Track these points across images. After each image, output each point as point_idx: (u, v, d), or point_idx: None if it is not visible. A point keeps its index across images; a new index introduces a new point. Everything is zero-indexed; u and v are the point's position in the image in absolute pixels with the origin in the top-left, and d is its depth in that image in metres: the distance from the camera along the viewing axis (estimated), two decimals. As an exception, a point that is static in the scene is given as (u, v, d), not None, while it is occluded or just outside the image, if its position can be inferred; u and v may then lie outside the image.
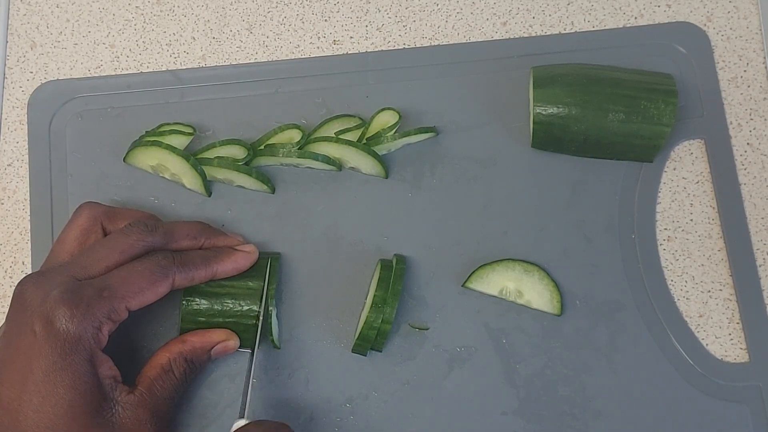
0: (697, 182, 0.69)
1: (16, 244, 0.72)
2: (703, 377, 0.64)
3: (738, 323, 0.66)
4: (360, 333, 0.63)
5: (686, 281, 0.67)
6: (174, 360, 0.60)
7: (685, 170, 0.69)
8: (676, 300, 0.66)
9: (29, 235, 0.71)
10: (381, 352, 0.65)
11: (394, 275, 0.64)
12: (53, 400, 0.52)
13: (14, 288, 0.56)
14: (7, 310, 0.70)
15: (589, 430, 0.64)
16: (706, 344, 0.66)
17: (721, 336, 0.66)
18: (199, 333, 0.62)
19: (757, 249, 0.67)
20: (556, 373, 0.65)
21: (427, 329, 0.66)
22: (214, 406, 0.66)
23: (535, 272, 0.66)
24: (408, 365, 0.66)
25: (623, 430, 0.64)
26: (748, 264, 0.67)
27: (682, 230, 0.68)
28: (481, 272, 0.66)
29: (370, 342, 0.63)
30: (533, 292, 0.65)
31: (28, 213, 0.72)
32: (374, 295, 0.63)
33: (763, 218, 0.68)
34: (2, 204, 0.72)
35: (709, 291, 0.67)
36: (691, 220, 0.68)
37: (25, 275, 0.58)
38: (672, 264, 0.67)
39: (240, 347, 0.64)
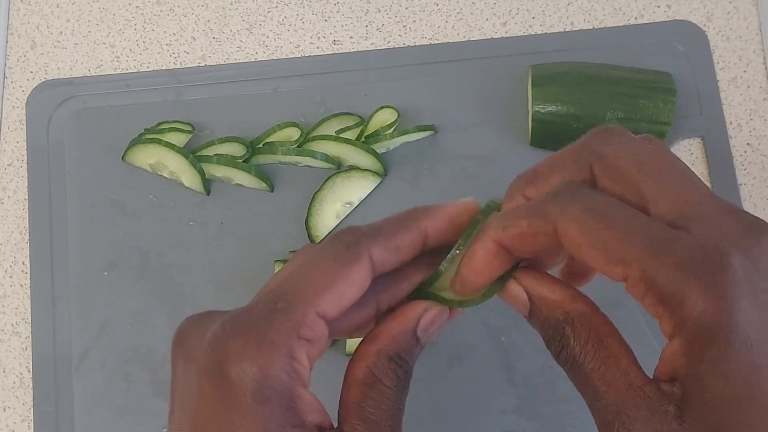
0: (697, 182, 0.69)
1: (15, 244, 0.72)
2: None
3: (738, 323, 0.66)
4: None
5: (686, 281, 0.67)
6: (374, 366, 0.37)
7: (684, 170, 0.69)
8: (676, 300, 0.66)
9: (29, 235, 0.71)
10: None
11: None
12: None
13: (174, 337, 0.38)
14: (6, 310, 0.70)
15: (588, 429, 0.63)
16: (706, 344, 0.65)
17: (721, 336, 0.65)
18: (389, 318, 0.39)
19: (757, 249, 0.67)
20: (555, 371, 0.64)
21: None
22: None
23: None
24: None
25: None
26: (748, 264, 0.67)
27: (682, 230, 0.68)
28: None
29: None
30: None
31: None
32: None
33: (762, 218, 0.68)
34: (2, 204, 0.73)
35: (709, 291, 0.66)
36: (691, 220, 0.68)
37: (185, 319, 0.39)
38: (672, 264, 0.67)
39: None
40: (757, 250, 0.31)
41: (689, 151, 0.69)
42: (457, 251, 0.39)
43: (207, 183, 0.69)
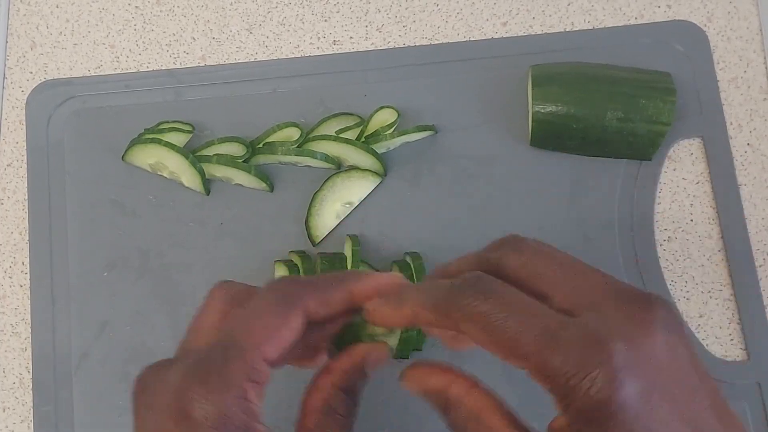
0: (697, 182, 0.69)
1: (15, 245, 0.72)
2: (703, 376, 0.64)
3: (738, 324, 0.66)
4: (400, 337, 0.62)
5: (686, 281, 0.67)
6: (330, 398, 0.45)
7: (684, 171, 0.69)
8: (676, 300, 0.66)
9: (29, 235, 0.71)
10: (422, 350, 0.65)
11: (416, 272, 0.64)
12: None
13: (133, 387, 0.43)
14: (6, 311, 0.70)
15: (588, 429, 0.63)
16: (707, 344, 0.65)
17: (721, 336, 0.66)
18: (342, 355, 0.46)
19: (757, 249, 0.67)
20: (555, 371, 0.64)
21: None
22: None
23: None
24: (407, 364, 0.65)
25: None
26: (747, 264, 0.67)
27: (682, 230, 0.68)
28: None
29: (412, 344, 0.63)
30: None
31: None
32: None
33: (762, 219, 0.68)
34: (2, 204, 0.73)
35: (709, 291, 0.67)
36: (691, 220, 0.68)
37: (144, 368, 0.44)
38: (672, 264, 0.67)
39: None
40: (639, 334, 0.35)
41: (689, 152, 0.69)
42: None
43: (207, 183, 0.69)
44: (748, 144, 0.69)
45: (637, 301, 0.37)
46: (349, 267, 0.64)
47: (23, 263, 0.71)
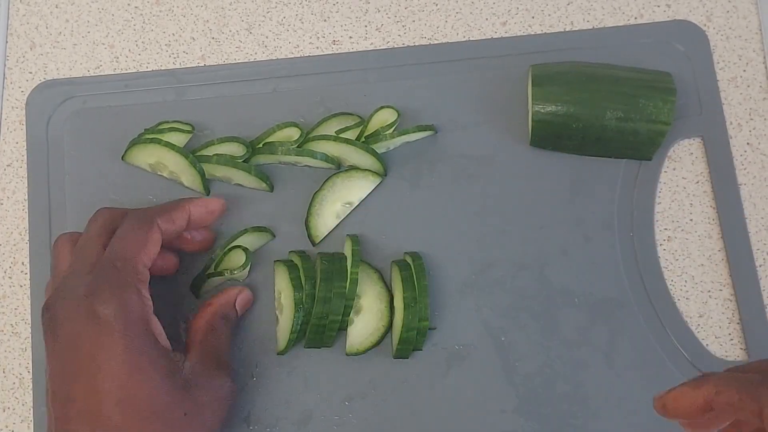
0: (697, 182, 0.69)
1: (15, 245, 0.72)
2: (703, 376, 0.64)
3: (738, 323, 0.66)
4: (400, 337, 0.63)
5: (686, 281, 0.67)
6: (212, 320, 0.62)
7: (684, 170, 0.69)
8: (676, 300, 0.66)
9: (28, 235, 0.71)
10: (422, 350, 0.65)
11: (416, 272, 0.64)
12: (137, 381, 0.52)
13: (41, 317, 0.56)
14: (5, 311, 0.70)
15: (588, 428, 0.63)
16: (706, 344, 0.65)
17: (721, 336, 0.66)
18: (217, 295, 0.65)
19: (757, 249, 0.67)
20: (555, 371, 0.64)
21: (433, 329, 0.66)
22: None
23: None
24: (407, 363, 0.65)
25: (622, 429, 0.63)
26: (747, 264, 0.67)
27: (682, 230, 0.68)
28: None
29: (411, 343, 0.63)
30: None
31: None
32: (404, 297, 0.63)
33: (762, 218, 0.68)
34: (2, 204, 0.72)
35: (709, 291, 0.67)
36: (691, 220, 0.68)
37: (41, 296, 0.60)
38: (672, 264, 0.67)
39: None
40: None
41: (689, 151, 0.69)
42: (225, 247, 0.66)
43: (207, 183, 0.69)
44: (748, 144, 0.69)
45: None
46: (349, 267, 0.64)
47: (23, 263, 0.71)
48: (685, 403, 0.45)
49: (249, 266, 0.66)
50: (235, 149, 0.69)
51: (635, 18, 0.73)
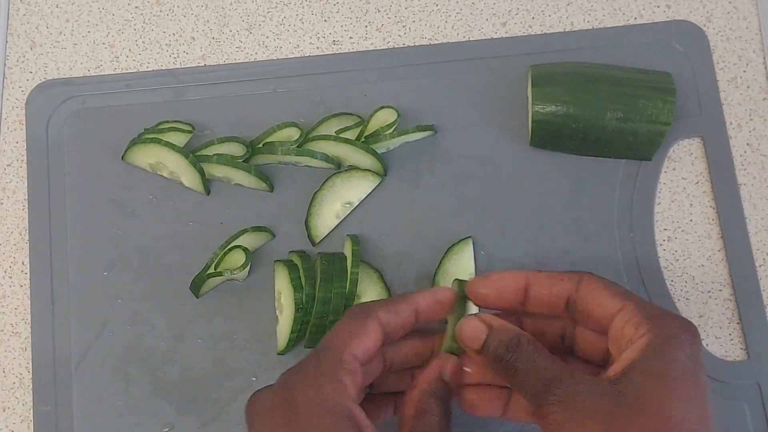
0: (697, 182, 0.69)
1: (15, 244, 0.72)
2: (703, 376, 0.64)
3: (738, 323, 0.66)
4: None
5: (686, 281, 0.67)
6: (420, 402, 0.53)
7: (684, 170, 0.69)
8: (675, 300, 0.66)
9: (28, 235, 0.71)
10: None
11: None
12: None
13: (246, 408, 0.52)
14: (5, 311, 0.70)
15: (588, 429, 0.63)
16: (707, 344, 0.65)
17: (721, 336, 0.66)
18: (424, 370, 0.54)
19: (757, 249, 0.67)
20: (555, 371, 0.64)
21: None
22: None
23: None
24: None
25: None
26: (747, 264, 0.67)
27: (682, 230, 0.68)
28: None
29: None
30: None
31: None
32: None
33: (762, 219, 0.68)
34: (2, 204, 0.72)
35: (709, 291, 0.67)
36: (691, 220, 0.68)
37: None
38: (672, 264, 0.67)
39: None
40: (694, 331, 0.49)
41: (689, 151, 0.69)
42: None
43: (207, 183, 0.69)
44: (748, 144, 0.69)
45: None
46: (349, 267, 0.64)
47: (23, 263, 0.71)
48: (506, 276, 0.54)
49: (249, 266, 0.66)
50: (235, 149, 0.69)
51: (635, 18, 0.73)
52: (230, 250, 0.66)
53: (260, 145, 0.69)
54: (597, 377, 0.47)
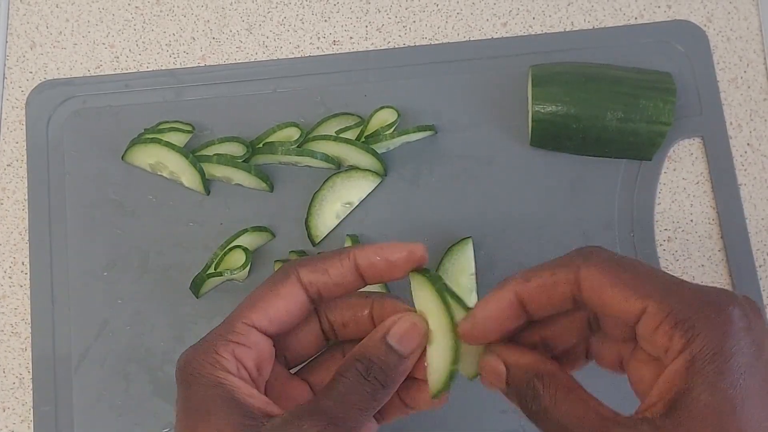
0: (697, 183, 0.69)
1: (15, 244, 0.72)
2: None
3: (738, 324, 0.66)
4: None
5: (686, 281, 0.67)
6: (343, 364, 0.44)
7: (684, 171, 0.69)
8: (676, 300, 0.66)
9: (28, 235, 0.71)
10: None
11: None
12: None
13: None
14: (5, 311, 0.70)
15: (588, 429, 0.63)
16: (707, 344, 0.65)
17: (722, 336, 0.66)
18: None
19: (757, 250, 0.67)
20: (555, 371, 0.64)
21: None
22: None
23: None
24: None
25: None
26: (747, 264, 0.67)
27: (682, 230, 0.68)
28: None
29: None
30: None
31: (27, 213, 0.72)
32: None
33: (762, 219, 0.68)
34: (2, 204, 0.72)
35: (709, 291, 0.67)
36: (691, 220, 0.68)
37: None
38: (672, 264, 0.67)
39: None
40: (749, 307, 0.37)
41: (689, 151, 0.69)
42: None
43: (207, 183, 0.69)
44: (748, 144, 0.69)
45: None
46: None
47: (23, 263, 0.71)
48: (492, 307, 0.43)
49: (249, 266, 0.66)
50: (235, 149, 0.69)
51: (635, 18, 0.73)
52: (230, 250, 0.66)
53: (260, 145, 0.69)
54: (634, 422, 0.37)
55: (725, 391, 0.35)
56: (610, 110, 0.64)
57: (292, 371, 0.50)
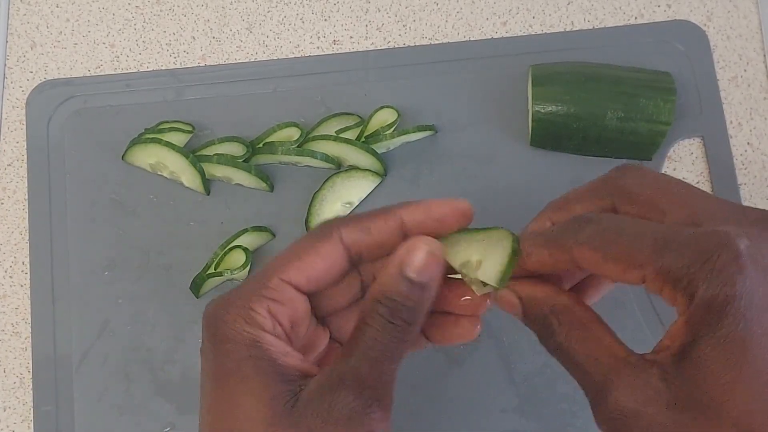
0: (697, 182, 0.69)
1: (15, 244, 0.72)
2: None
3: (738, 323, 0.66)
4: None
5: (686, 281, 0.67)
6: (364, 309, 0.41)
7: (684, 170, 0.69)
8: (676, 300, 0.66)
9: (29, 235, 0.71)
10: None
11: None
12: (221, 410, 0.40)
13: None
14: (6, 310, 0.70)
15: (588, 428, 0.63)
16: (707, 344, 0.65)
17: (722, 336, 0.65)
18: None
19: (758, 249, 0.67)
20: (556, 371, 0.64)
21: None
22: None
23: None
24: (406, 363, 0.65)
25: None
26: (748, 264, 0.66)
27: (682, 230, 0.68)
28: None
29: None
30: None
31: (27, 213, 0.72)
32: None
33: (763, 218, 0.68)
34: (2, 204, 0.72)
35: (710, 291, 0.66)
36: (691, 219, 0.68)
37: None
38: (672, 264, 0.67)
39: None
40: (762, 237, 0.35)
41: (689, 151, 0.69)
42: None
43: (207, 183, 0.69)
44: (748, 143, 0.69)
45: (756, 213, 0.38)
46: None
47: (23, 263, 0.71)
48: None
49: (249, 266, 0.66)
50: (235, 149, 0.69)
51: (635, 18, 0.73)
52: (230, 249, 0.66)
53: (260, 145, 0.69)
54: (644, 366, 0.36)
55: (730, 341, 0.33)
56: (610, 110, 0.64)
57: None
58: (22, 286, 0.71)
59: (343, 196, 0.68)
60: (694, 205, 0.39)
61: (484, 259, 0.42)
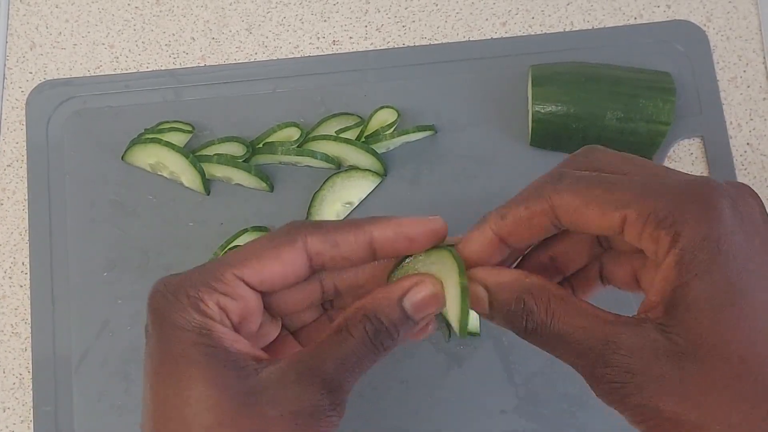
0: (697, 182, 0.69)
1: (15, 245, 0.72)
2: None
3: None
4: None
5: (686, 281, 0.67)
6: (350, 318, 0.40)
7: (684, 170, 0.69)
8: (676, 300, 0.66)
9: (29, 235, 0.71)
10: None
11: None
12: (173, 397, 0.39)
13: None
14: (5, 311, 0.70)
15: (588, 428, 0.63)
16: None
17: (721, 336, 0.65)
18: (381, 287, 0.42)
19: (757, 249, 0.67)
20: (556, 371, 0.64)
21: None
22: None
23: None
24: (406, 363, 0.65)
25: (622, 429, 0.63)
26: (747, 264, 0.66)
27: (682, 230, 0.68)
28: None
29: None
30: None
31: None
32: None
33: (763, 218, 0.68)
34: (2, 204, 0.72)
35: (709, 291, 0.66)
36: (691, 220, 0.68)
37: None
38: (672, 264, 0.67)
39: None
40: (736, 192, 0.36)
41: (689, 151, 0.69)
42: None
43: (207, 183, 0.69)
44: (748, 144, 0.69)
45: (727, 180, 0.37)
46: None
47: (23, 263, 0.71)
48: (474, 248, 0.41)
49: None
50: (235, 149, 0.69)
51: (635, 18, 0.73)
52: (230, 250, 0.66)
53: (260, 145, 0.69)
54: (638, 322, 0.36)
55: (721, 279, 0.33)
56: (610, 110, 0.64)
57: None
58: (21, 286, 0.71)
59: (343, 196, 0.68)
60: (661, 172, 0.38)
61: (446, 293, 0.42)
